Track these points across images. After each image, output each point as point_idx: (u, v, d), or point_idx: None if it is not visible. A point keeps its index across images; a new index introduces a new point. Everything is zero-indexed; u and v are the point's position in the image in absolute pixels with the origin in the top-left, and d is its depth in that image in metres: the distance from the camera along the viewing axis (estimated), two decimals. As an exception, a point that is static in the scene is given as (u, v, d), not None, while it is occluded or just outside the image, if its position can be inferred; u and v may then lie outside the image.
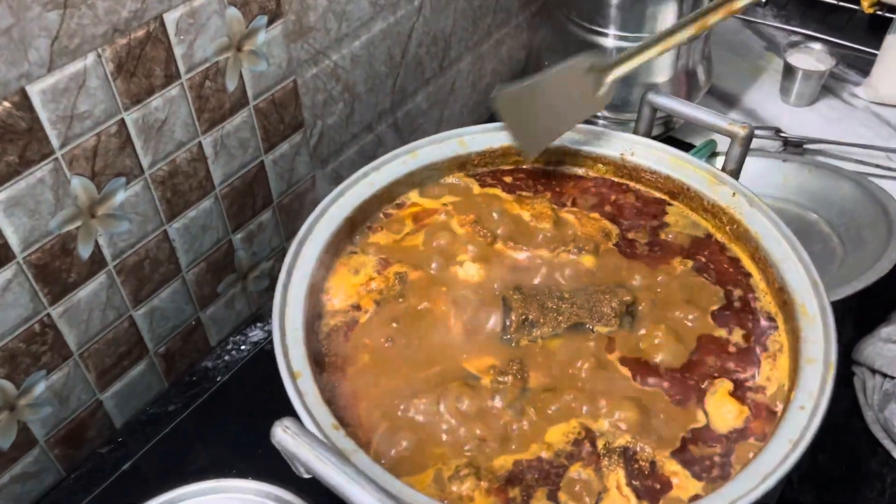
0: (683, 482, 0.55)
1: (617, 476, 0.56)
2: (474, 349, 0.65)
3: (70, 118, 0.63)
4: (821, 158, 1.09)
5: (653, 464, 0.57)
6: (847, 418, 0.80)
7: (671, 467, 0.57)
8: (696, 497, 0.55)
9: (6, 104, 0.58)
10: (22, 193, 0.62)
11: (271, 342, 0.59)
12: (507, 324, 0.66)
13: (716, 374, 0.62)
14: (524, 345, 0.65)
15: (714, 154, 1.07)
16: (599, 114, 1.05)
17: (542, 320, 0.66)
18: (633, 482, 0.56)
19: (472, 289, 0.69)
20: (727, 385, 0.61)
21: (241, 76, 0.76)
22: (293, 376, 0.56)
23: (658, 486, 0.56)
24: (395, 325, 0.66)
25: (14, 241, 0.63)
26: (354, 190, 0.73)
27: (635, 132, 0.78)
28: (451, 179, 0.79)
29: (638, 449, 0.58)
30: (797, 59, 1.20)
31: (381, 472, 0.51)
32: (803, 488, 0.75)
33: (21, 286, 0.65)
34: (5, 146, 0.59)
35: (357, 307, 0.68)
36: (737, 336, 0.65)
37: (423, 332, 0.66)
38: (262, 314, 0.93)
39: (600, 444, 0.58)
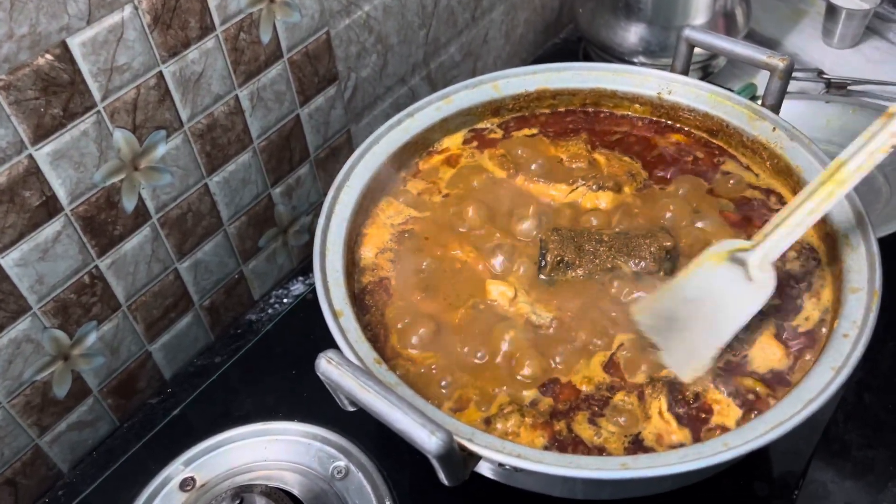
0: (725, 409, 0.55)
1: (659, 403, 0.56)
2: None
3: (110, 71, 0.64)
4: (865, 100, 1.06)
5: (696, 394, 0.57)
6: (894, 362, 0.79)
7: (714, 396, 0.57)
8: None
9: (48, 57, 0.59)
10: (67, 146, 0.63)
11: (312, 292, 0.60)
12: (543, 264, 0.66)
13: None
14: (560, 283, 0.65)
15: (754, 98, 1.05)
16: (636, 59, 1.03)
17: (578, 262, 0.66)
18: (677, 409, 0.56)
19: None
20: (770, 328, 0.60)
21: (274, 28, 0.76)
22: (335, 315, 0.57)
23: (702, 415, 0.56)
24: (423, 274, 0.67)
25: (62, 194, 0.65)
26: (389, 137, 0.73)
27: (672, 70, 0.76)
28: (485, 125, 0.79)
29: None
30: (840, -2, 1.16)
31: (424, 403, 0.52)
32: (849, 427, 0.74)
33: (70, 238, 0.67)
34: (49, 99, 0.61)
35: (389, 256, 0.68)
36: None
37: (453, 275, 0.67)
38: (303, 268, 0.94)
39: (643, 376, 0.58)
